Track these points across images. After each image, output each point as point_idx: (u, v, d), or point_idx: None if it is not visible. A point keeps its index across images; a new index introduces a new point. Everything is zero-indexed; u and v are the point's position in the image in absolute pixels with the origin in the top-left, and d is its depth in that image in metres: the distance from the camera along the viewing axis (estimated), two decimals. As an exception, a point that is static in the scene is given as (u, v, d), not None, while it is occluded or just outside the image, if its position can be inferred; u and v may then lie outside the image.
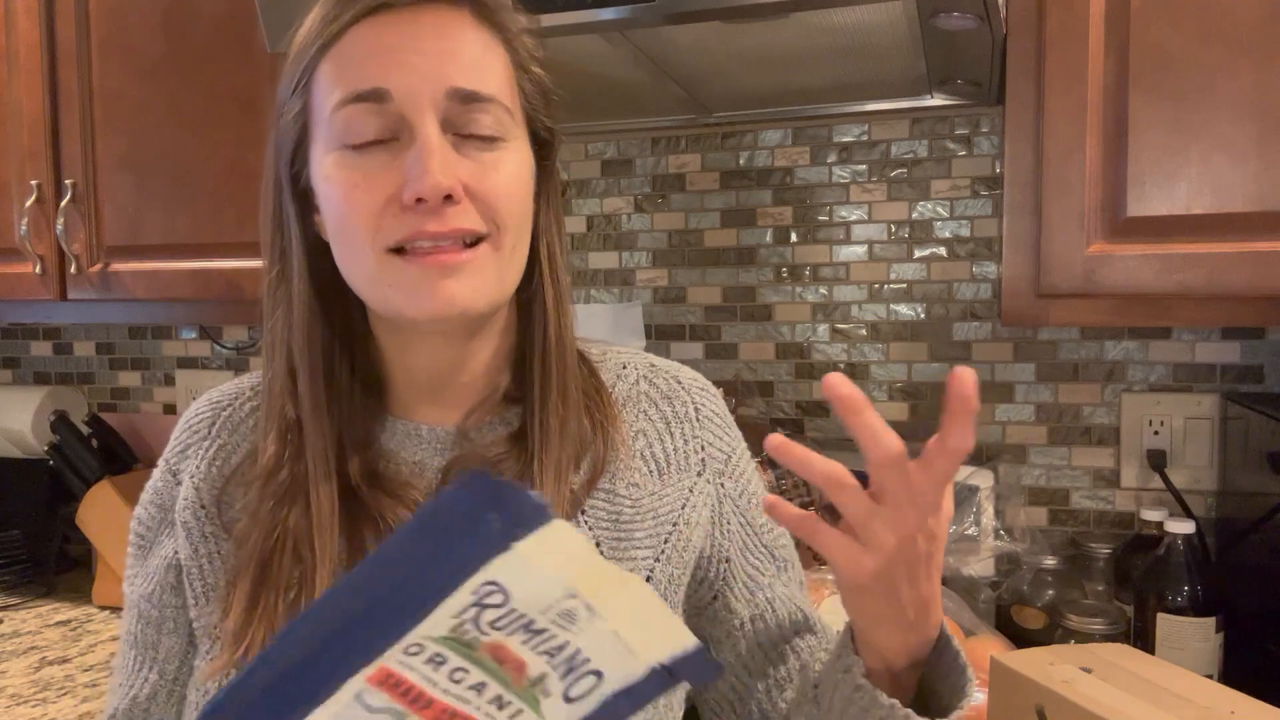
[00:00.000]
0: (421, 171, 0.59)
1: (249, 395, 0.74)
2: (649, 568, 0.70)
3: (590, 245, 1.57)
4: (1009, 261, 1.03)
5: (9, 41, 1.44)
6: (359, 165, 0.61)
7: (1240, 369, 1.28)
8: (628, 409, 0.74)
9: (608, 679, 0.43)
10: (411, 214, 0.60)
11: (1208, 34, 0.93)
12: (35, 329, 1.97)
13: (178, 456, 0.73)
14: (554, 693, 0.43)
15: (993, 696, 0.86)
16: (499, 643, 0.43)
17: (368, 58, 0.60)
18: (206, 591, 0.68)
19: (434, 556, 0.44)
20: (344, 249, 0.63)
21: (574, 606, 0.44)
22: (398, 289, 0.61)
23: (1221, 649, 1.07)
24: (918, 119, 1.40)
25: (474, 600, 0.43)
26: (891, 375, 1.43)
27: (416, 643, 0.43)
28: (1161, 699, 0.75)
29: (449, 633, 0.43)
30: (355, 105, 0.60)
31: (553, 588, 0.44)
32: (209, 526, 0.69)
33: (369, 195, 0.60)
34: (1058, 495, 1.36)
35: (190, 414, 0.75)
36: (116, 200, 1.41)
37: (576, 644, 0.43)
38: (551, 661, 0.43)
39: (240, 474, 0.69)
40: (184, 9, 1.35)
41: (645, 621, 0.44)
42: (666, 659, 0.44)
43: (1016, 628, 1.21)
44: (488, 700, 0.42)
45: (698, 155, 1.51)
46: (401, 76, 0.60)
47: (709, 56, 1.12)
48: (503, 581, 0.43)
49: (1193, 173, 0.94)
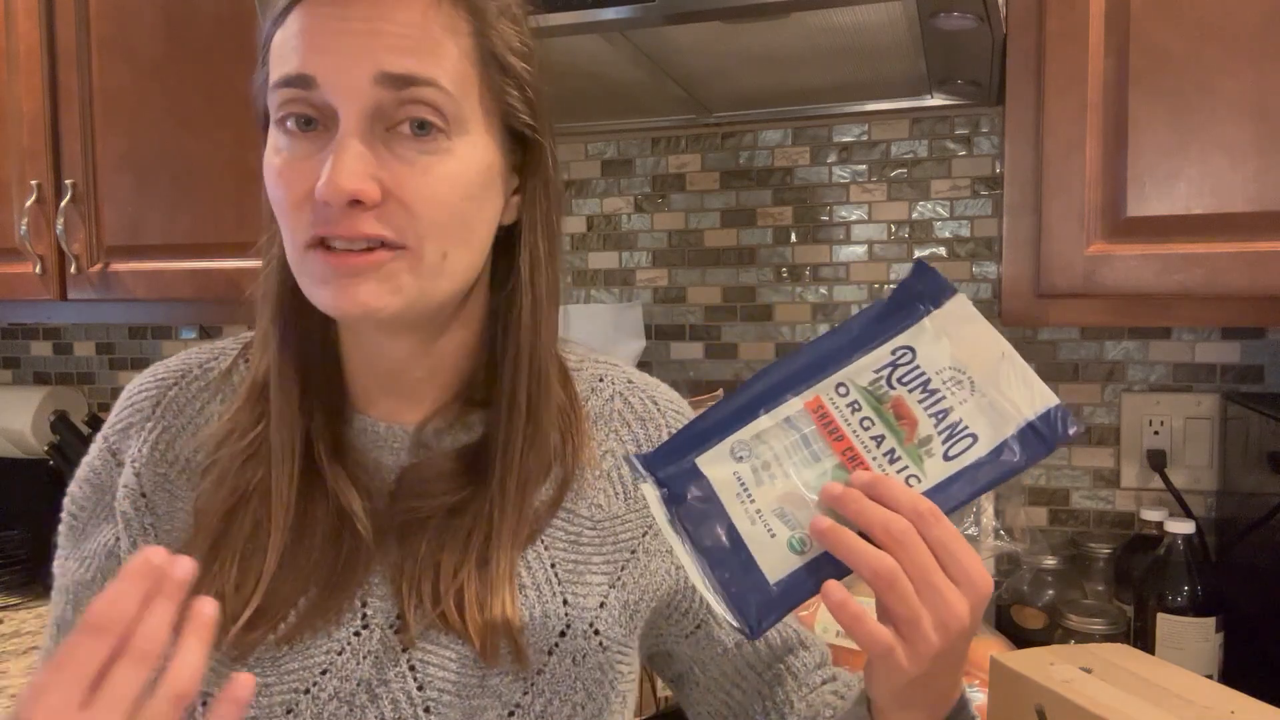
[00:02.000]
0: (326, 172, 0.55)
1: (197, 374, 0.70)
2: (602, 594, 0.67)
3: (590, 245, 1.57)
4: (1009, 261, 1.03)
5: (9, 41, 1.44)
6: (287, 149, 0.58)
7: (1240, 369, 1.28)
8: (599, 426, 0.72)
9: (981, 441, 0.53)
10: (323, 211, 0.56)
11: (1208, 34, 0.93)
12: (35, 329, 1.97)
13: (118, 435, 0.69)
14: (935, 453, 0.53)
15: (993, 696, 0.86)
16: (902, 398, 0.54)
17: (298, 38, 0.57)
18: None
19: (872, 323, 0.55)
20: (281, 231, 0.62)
21: (962, 377, 0.54)
22: (311, 281, 0.59)
23: (1221, 649, 1.07)
24: (918, 119, 1.40)
25: (891, 360, 0.54)
26: (891, 375, 1.43)
27: (843, 383, 0.54)
28: (1161, 699, 0.75)
29: (868, 385, 0.54)
30: (284, 90, 0.57)
31: (947, 357, 0.54)
32: (148, 518, 0.66)
33: (290, 186, 0.58)
34: (1058, 495, 1.36)
35: (134, 389, 0.70)
36: (116, 200, 1.40)
37: (959, 413, 0.53)
38: (938, 426, 0.53)
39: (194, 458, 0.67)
40: (184, 9, 1.35)
41: (1017, 386, 0.54)
42: (1032, 416, 0.53)
43: (1016, 628, 1.21)
44: (883, 453, 0.53)
45: (698, 155, 1.51)
46: (326, 61, 0.56)
47: (709, 56, 1.11)
48: (912, 345, 0.54)
49: (1192, 173, 0.94)
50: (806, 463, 0.54)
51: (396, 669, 0.63)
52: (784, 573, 0.54)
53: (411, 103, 0.56)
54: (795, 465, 0.54)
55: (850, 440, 0.54)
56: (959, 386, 0.54)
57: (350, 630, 0.63)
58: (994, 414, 0.53)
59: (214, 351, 0.72)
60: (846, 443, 0.54)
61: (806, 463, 0.54)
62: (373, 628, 0.63)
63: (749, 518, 0.54)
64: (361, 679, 0.62)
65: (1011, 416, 0.53)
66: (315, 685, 0.62)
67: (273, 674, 0.61)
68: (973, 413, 0.53)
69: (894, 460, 0.53)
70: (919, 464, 0.53)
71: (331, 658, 0.62)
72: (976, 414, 0.53)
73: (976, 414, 0.53)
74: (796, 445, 0.54)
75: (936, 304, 0.55)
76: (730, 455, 0.55)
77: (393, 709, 0.62)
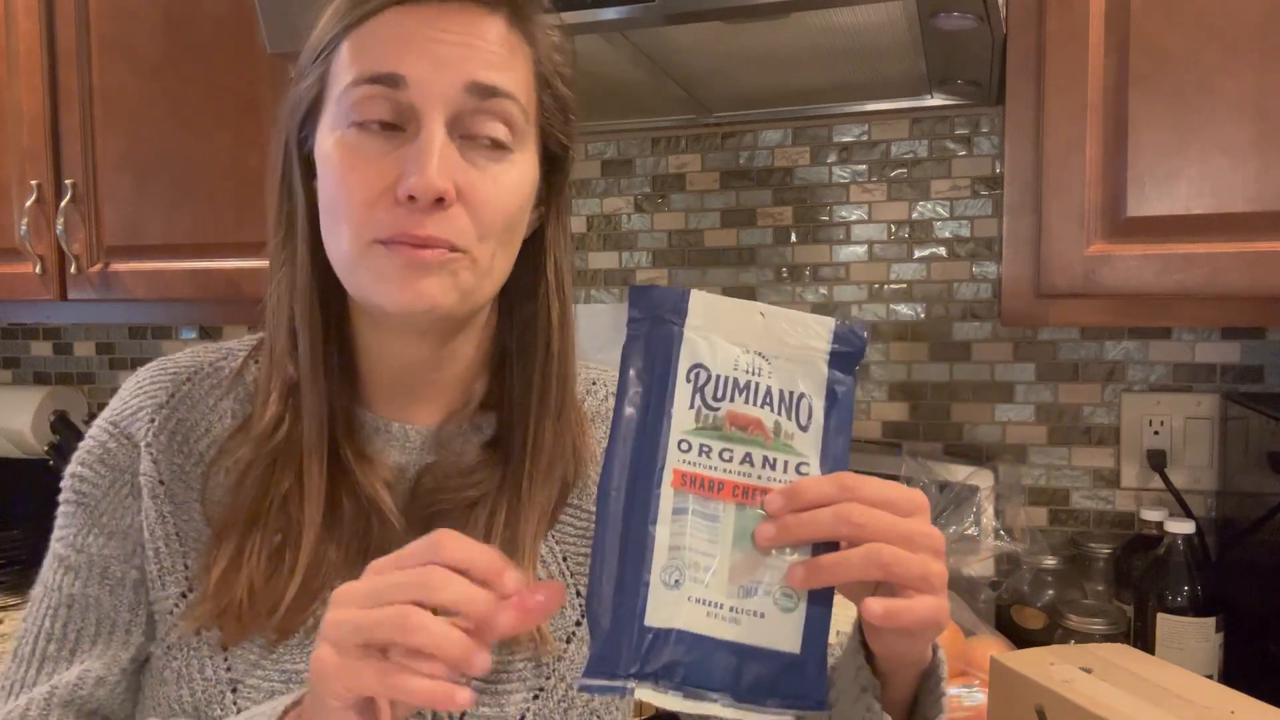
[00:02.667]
0: (419, 168, 0.58)
1: (208, 371, 0.71)
2: None
3: (590, 245, 1.57)
4: (1009, 261, 1.03)
5: (9, 41, 1.44)
6: (361, 148, 0.60)
7: (1240, 369, 1.28)
8: (596, 424, 0.75)
9: (811, 394, 0.53)
10: (401, 210, 0.59)
11: (1208, 34, 0.93)
12: (35, 329, 1.97)
13: (128, 419, 0.69)
14: (794, 432, 0.52)
15: (993, 696, 0.86)
16: (730, 410, 0.52)
17: (389, 41, 0.60)
18: (163, 575, 0.65)
19: (646, 375, 0.52)
20: (330, 228, 0.63)
21: (751, 358, 0.52)
22: (375, 277, 0.60)
23: (1221, 649, 1.07)
24: (918, 119, 1.40)
25: (692, 387, 0.52)
26: (891, 375, 1.43)
27: (680, 440, 0.51)
28: (1161, 699, 0.75)
29: (696, 423, 0.51)
30: (368, 86, 0.59)
31: (729, 349, 0.52)
32: (166, 506, 0.66)
33: (365, 181, 0.60)
34: (1058, 495, 1.36)
35: (144, 378, 0.71)
36: (116, 200, 1.40)
37: (775, 385, 0.52)
38: (775, 409, 0.52)
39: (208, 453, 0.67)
40: (184, 9, 1.35)
41: (794, 333, 0.53)
42: (829, 347, 0.53)
43: (1016, 628, 1.21)
44: (761, 466, 0.51)
45: (698, 155, 1.51)
46: (420, 64, 0.59)
47: (709, 56, 1.11)
48: (698, 360, 0.52)
49: (1192, 173, 0.94)
50: (717, 530, 0.51)
51: None
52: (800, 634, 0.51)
53: (491, 114, 0.61)
54: (714, 542, 0.51)
55: (729, 480, 0.51)
56: (757, 366, 0.52)
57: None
58: (800, 365, 0.53)
59: (223, 351, 0.73)
60: (729, 485, 0.51)
61: (717, 530, 0.51)
62: None
63: (733, 622, 0.51)
64: None
65: (813, 357, 0.53)
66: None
67: (303, 661, 0.63)
68: (787, 377, 0.52)
69: (774, 465, 0.52)
70: (793, 451, 0.52)
71: None
72: (790, 375, 0.53)
73: (790, 375, 0.53)
74: (698, 526, 0.51)
75: (681, 313, 0.52)
76: (666, 589, 0.50)
77: None
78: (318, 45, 0.63)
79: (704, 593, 0.50)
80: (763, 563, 0.51)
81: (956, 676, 1.03)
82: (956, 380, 1.40)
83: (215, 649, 0.63)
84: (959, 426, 1.40)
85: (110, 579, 0.66)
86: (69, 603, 0.67)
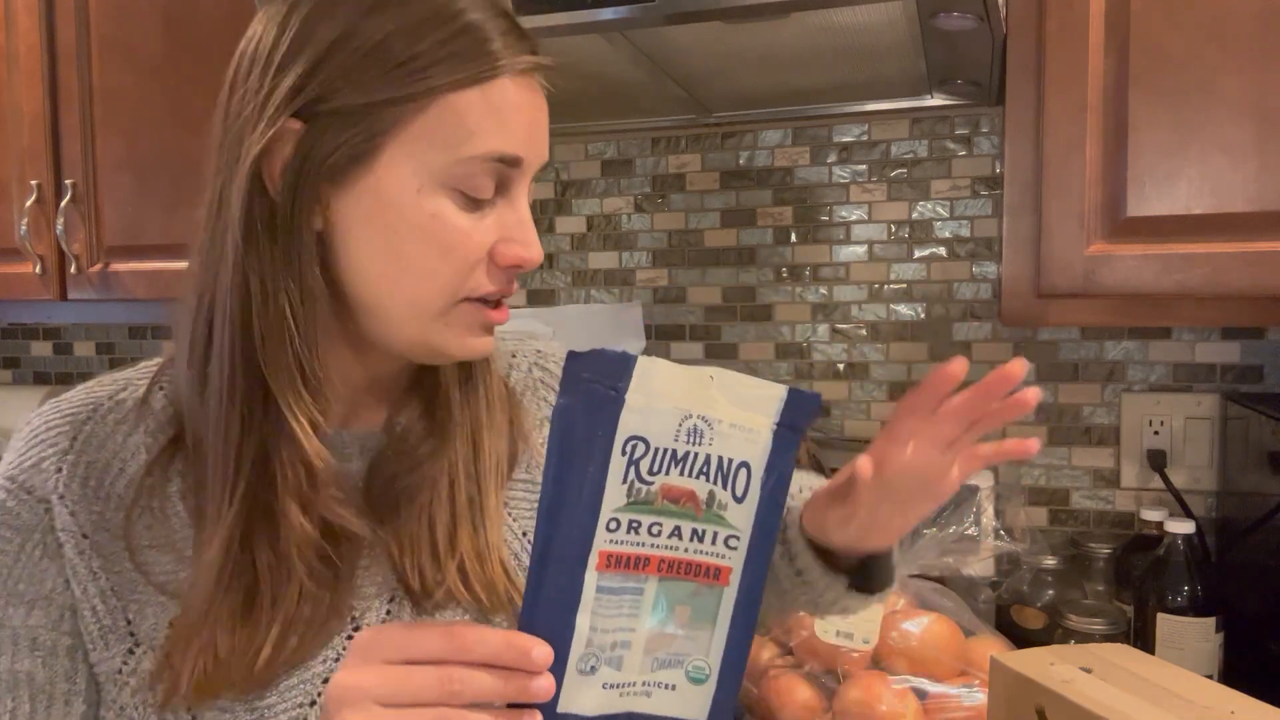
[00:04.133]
0: (529, 239, 0.62)
1: (109, 406, 0.66)
2: None
3: (590, 245, 1.57)
4: (1009, 261, 1.03)
5: (9, 41, 1.44)
6: (468, 215, 0.61)
7: (1240, 369, 1.28)
8: (527, 397, 0.76)
9: (753, 464, 0.50)
10: (501, 273, 0.62)
11: (1208, 34, 0.93)
12: (35, 329, 1.97)
13: (28, 473, 0.63)
14: (728, 502, 0.50)
15: (993, 696, 0.86)
16: (664, 484, 0.49)
17: (516, 118, 0.61)
18: (104, 634, 0.61)
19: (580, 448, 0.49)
20: (405, 278, 0.60)
21: (693, 424, 0.50)
22: (454, 330, 0.62)
23: (1221, 649, 1.07)
24: (918, 119, 1.40)
25: (627, 460, 0.49)
26: (891, 375, 1.43)
27: (610, 519, 0.49)
28: (1161, 699, 0.75)
29: (628, 499, 0.49)
30: (496, 165, 0.60)
31: (670, 417, 0.49)
32: (95, 561, 0.62)
33: (475, 247, 0.61)
34: (1058, 495, 1.36)
35: (38, 425, 0.65)
36: (116, 200, 1.40)
37: (715, 452, 0.50)
38: (709, 479, 0.50)
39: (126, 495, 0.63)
40: (184, 9, 1.35)
41: (744, 399, 0.51)
42: (777, 416, 0.51)
43: (1016, 628, 1.21)
44: (688, 540, 0.50)
45: (698, 155, 1.51)
46: (532, 148, 0.62)
47: (709, 56, 1.11)
48: (636, 433, 0.49)
49: (1192, 173, 0.94)
50: (639, 605, 0.50)
51: None
52: (709, 706, 0.52)
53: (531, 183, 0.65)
54: (634, 616, 0.50)
55: (655, 555, 0.49)
56: (698, 433, 0.50)
57: (343, 635, 0.63)
58: (744, 432, 0.50)
59: (120, 382, 0.68)
60: (655, 560, 0.50)
61: (639, 605, 0.50)
62: (363, 627, 0.63)
63: (644, 695, 0.50)
64: None
65: (759, 425, 0.51)
66: (320, 695, 0.61)
67: (273, 695, 0.61)
68: (728, 444, 0.50)
69: (703, 538, 0.50)
70: (724, 523, 0.50)
71: (330, 665, 0.62)
72: (732, 443, 0.50)
73: (732, 443, 0.50)
74: (620, 603, 0.49)
75: (624, 379, 0.49)
76: (581, 676, 0.49)
77: None
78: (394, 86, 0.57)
79: (618, 677, 0.50)
80: (679, 635, 0.51)
81: (956, 676, 1.03)
82: (956, 380, 1.40)
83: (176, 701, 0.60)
84: (959, 426, 1.39)
85: (41, 649, 0.62)
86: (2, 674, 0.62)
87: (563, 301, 1.59)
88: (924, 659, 1.03)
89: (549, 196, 1.59)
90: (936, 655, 1.03)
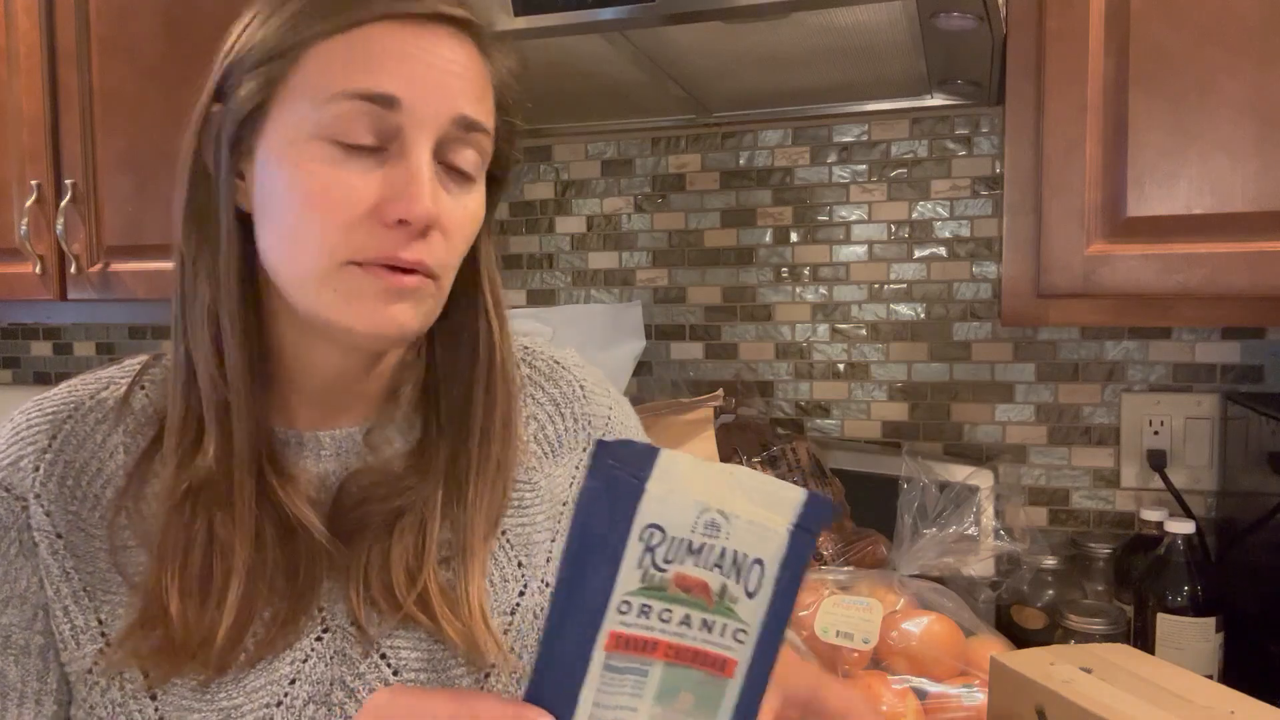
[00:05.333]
0: (414, 195, 0.57)
1: (90, 405, 0.66)
2: (547, 550, 0.71)
3: (590, 245, 1.57)
4: (1009, 261, 1.03)
5: (9, 41, 1.44)
6: (343, 166, 0.58)
7: (1240, 369, 1.28)
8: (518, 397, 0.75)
9: (767, 562, 0.51)
10: (388, 233, 0.58)
11: (1208, 34, 0.93)
12: (35, 329, 1.97)
13: (6, 471, 0.63)
14: (740, 596, 0.51)
15: (993, 696, 0.86)
16: (677, 573, 0.50)
17: (385, 59, 0.58)
18: (76, 634, 0.61)
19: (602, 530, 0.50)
20: (287, 244, 0.60)
21: (712, 517, 0.51)
22: (345, 298, 0.59)
23: (1221, 649, 1.07)
24: (918, 119, 1.40)
25: (643, 546, 0.50)
26: (891, 375, 1.43)
27: (622, 602, 0.50)
28: (1161, 699, 0.75)
29: (641, 583, 0.50)
30: (358, 103, 0.57)
31: (689, 509, 0.50)
32: (68, 562, 0.62)
33: (346, 202, 0.58)
34: (1058, 495, 1.36)
35: (19, 423, 0.65)
36: (116, 200, 1.40)
37: (731, 546, 0.51)
38: (724, 572, 0.51)
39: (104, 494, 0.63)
40: (184, 9, 1.35)
41: (763, 498, 0.52)
42: (795, 518, 0.52)
43: (1016, 628, 1.21)
44: (697, 629, 0.51)
45: (698, 155, 1.51)
46: (415, 89, 0.58)
47: (709, 56, 1.11)
48: (654, 521, 0.50)
49: (1192, 173, 0.94)
50: (643, 687, 0.51)
51: (369, 660, 0.63)
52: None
53: (469, 145, 0.61)
54: (637, 697, 0.51)
55: (663, 640, 0.51)
56: (716, 527, 0.51)
57: (312, 637, 0.63)
58: (761, 529, 0.51)
59: (102, 381, 0.68)
60: (663, 645, 0.51)
61: (643, 687, 0.51)
62: (333, 630, 0.63)
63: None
64: (334, 678, 0.63)
65: (777, 525, 0.52)
66: (287, 695, 0.61)
67: (240, 695, 0.61)
68: (744, 539, 0.51)
69: (711, 629, 0.51)
70: (734, 616, 0.51)
71: (298, 666, 0.62)
72: (749, 539, 0.51)
73: (749, 539, 0.51)
74: (624, 683, 0.51)
75: (646, 468, 0.50)
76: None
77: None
78: (270, 47, 0.59)
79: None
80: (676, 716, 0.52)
81: (956, 676, 1.03)
82: (956, 380, 1.40)
83: (143, 696, 0.60)
84: (959, 426, 1.40)
85: (13, 648, 0.62)
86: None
87: (563, 301, 1.59)
88: (924, 659, 1.03)
89: (549, 196, 1.59)
90: (936, 655, 1.04)
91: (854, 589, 1.12)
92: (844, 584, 1.14)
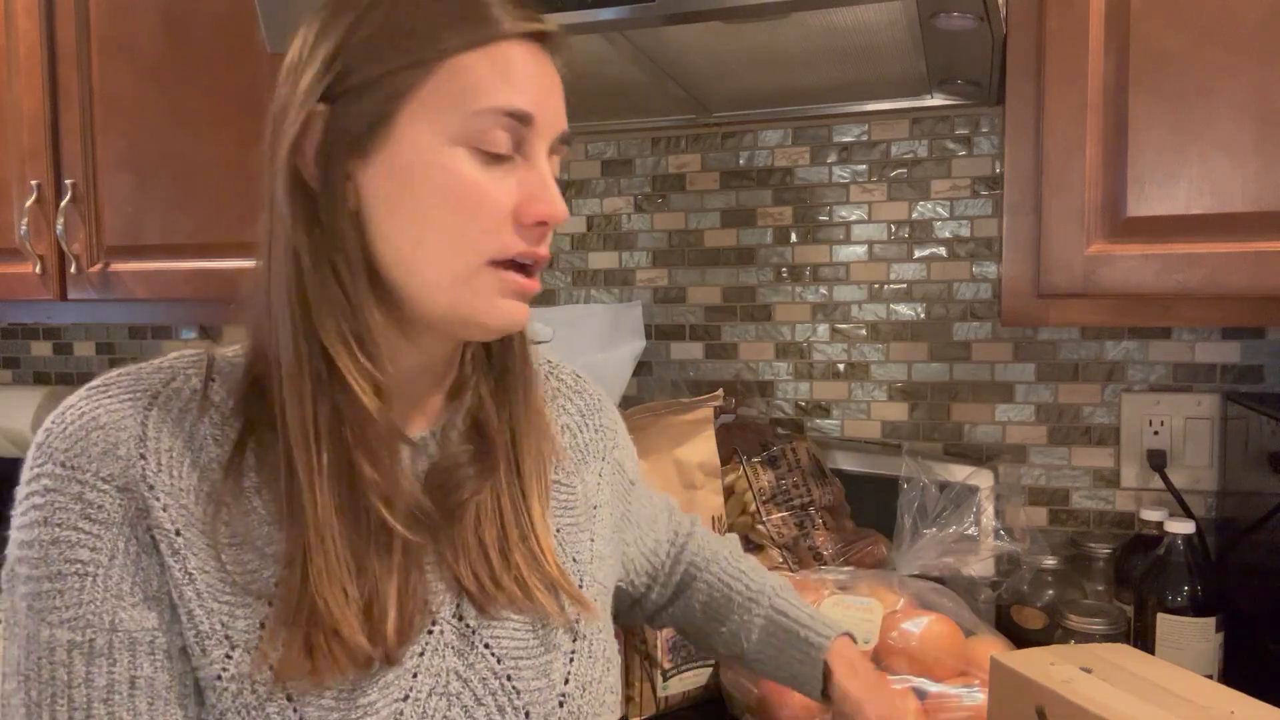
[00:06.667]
0: (554, 198, 0.64)
1: (167, 394, 0.63)
2: (591, 548, 0.77)
3: (590, 245, 1.57)
4: (1009, 261, 1.03)
5: (9, 41, 1.44)
6: (484, 174, 0.62)
7: (1240, 369, 1.28)
8: (548, 406, 0.79)
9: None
10: (528, 233, 0.63)
11: (1208, 34, 0.93)
12: (35, 329, 1.97)
13: (101, 460, 0.59)
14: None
15: (993, 696, 0.86)
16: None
17: (525, 78, 0.63)
18: (201, 639, 0.59)
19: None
20: (428, 245, 0.61)
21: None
22: (486, 298, 0.63)
23: (1221, 649, 1.07)
24: (918, 119, 1.40)
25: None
26: (891, 375, 1.43)
27: None
28: (1161, 699, 0.75)
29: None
30: (507, 119, 0.62)
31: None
32: (191, 561, 0.59)
33: (494, 205, 0.62)
34: (1058, 495, 1.36)
35: (97, 411, 0.60)
36: (116, 200, 1.40)
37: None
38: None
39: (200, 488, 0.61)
40: (184, 9, 1.35)
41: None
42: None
43: (1016, 628, 1.21)
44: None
45: (698, 155, 1.51)
46: (545, 108, 0.64)
47: (709, 56, 1.12)
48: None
49: (1192, 173, 0.94)
50: None
51: (475, 651, 0.67)
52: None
53: (557, 155, 0.68)
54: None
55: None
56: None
57: (424, 630, 0.65)
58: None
59: (169, 371, 0.65)
60: None
61: None
62: (440, 622, 0.66)
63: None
64: (450, 669, 0.66)
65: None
66: (412, 689, 0.64)
67: (374, 692, 0.62)
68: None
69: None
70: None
71: (417, 660, 0.64)
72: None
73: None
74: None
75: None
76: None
77: (482, 687, 0.67)
78: (404, 54, 0.60)
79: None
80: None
81: (956, 676, 1.03)
82: (956, 380, 1.40)
83: (279, 697, 0.59)
84: (959, 426, 1.40)
85: (158, 652, 0.59)
86: (105, 696, 0.58)
87: (563, 301, 1.59)
88: (924, 659, 1.03)
89: (549, 196, 1.58)
90: (936, 655, 1.04)
91: (854, 589, 1.12)
92: (844, 584, 1.14)
